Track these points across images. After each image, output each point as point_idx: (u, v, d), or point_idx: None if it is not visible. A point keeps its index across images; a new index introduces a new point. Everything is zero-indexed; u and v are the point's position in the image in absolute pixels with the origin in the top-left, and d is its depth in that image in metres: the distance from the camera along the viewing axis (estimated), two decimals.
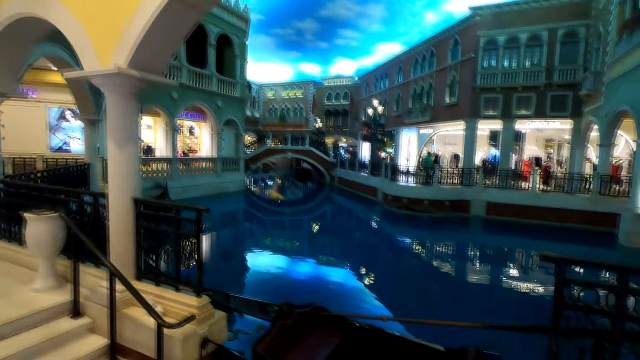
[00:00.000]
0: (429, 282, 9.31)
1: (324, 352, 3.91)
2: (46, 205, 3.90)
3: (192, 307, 2.99)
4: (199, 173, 19.63)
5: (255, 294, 6.10)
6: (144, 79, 3.04)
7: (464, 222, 15.68)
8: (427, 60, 24.73)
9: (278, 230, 15.65)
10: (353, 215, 19.60)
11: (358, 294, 8.15)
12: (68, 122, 13.39)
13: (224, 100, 20.78)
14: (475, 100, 19.72)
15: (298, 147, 29.19)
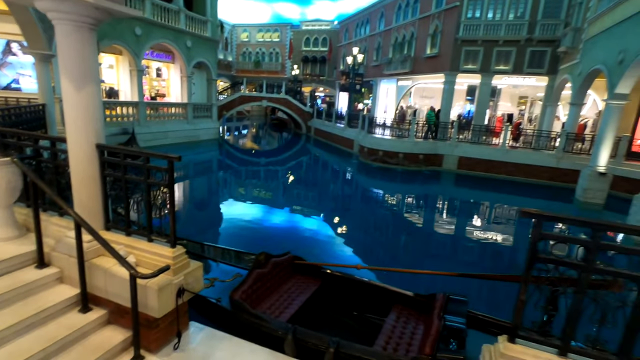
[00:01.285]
0: (400, 233, 9.72)
1: (301, 299, 4.05)
2: None
3: (166, 257, 2.92)
4: (168, 119, 18.68)
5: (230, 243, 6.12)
6: (101, 6, 2.64)
7: (436, 176, 16.17)
8: (410, 7, 23.63)
9: (252, 180, 15.53)
10: (328, 167, 19.68)
11: (332, 244, 8.41)
12: (16, 57, 11.95)
13: (194, 40, 19.24)
14: (456, 53, 19.36)
15: (274, 95, 28.14)
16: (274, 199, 12.45)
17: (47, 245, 3.18)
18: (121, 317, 2.94)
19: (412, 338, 3.46)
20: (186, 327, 3.18)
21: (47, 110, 8.39)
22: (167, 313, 2.87)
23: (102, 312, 2.97)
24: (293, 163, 20.11)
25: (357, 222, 10.45)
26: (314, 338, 3.14)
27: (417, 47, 22.74)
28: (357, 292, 4.24)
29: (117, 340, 2.84)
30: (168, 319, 2.92)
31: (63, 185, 3.48)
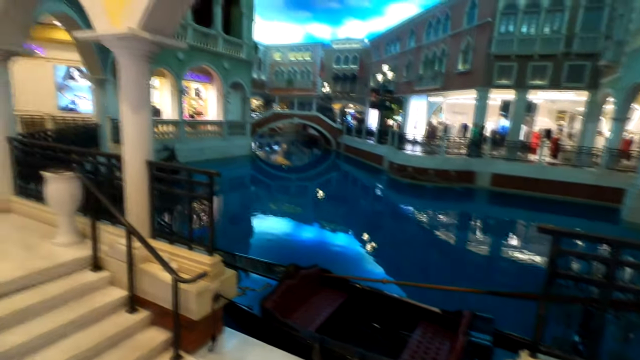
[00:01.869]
0: (428, 249, 9.59)
1: (328, 311, 4.17)
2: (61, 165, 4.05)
3: (205, 264, 3.18)
4: (205, 136, 19.67)
5: (260, 255, 6.37)
6: (156, 41, 3.04)
7: (469, 193, 15.79)
8: (441, 24, 23.69)
9: (283, 195, 15.91)
10: (358, 183, 19.76)
11: (360, 258, 8.46)
12: (76, 82, 13.30)
13: (231, 61, 20.34)
14: (489, 68, 19.10)
15: (305, 113, 28.88)
16: (303, 213, 12.69)
17: (101, 250, 3.55)
18: (163, 319, 3.21)
19: (437, 354, 3.48)
20: (220, 331, 3.40)
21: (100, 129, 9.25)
22: (204, 316, 3.11)
23: (146, 314, 3.25)
24: (323, 179, 20.40)
25: (385, 238, 10.42)
26: (340, 348, 3.24)
27: (448, 64, 22.64)
28: (383, 306, 4.30)
29: (159, 340, 3.10)
30: (204, 323, 3.15)
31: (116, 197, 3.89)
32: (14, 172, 4.82)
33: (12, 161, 4.79)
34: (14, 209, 4.77)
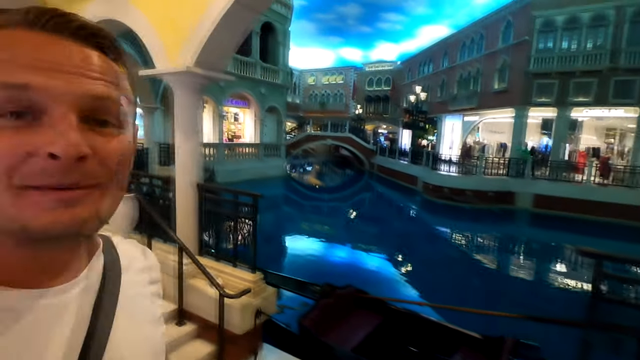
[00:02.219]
0: (467, 273, 9.26)
1: (364, 332, 4.19)
2: None
3: (248, 281, 3.37)
4: (242, 158, 20.48)
5: (293, 274, 6.50)
6: (208, 76, 3.39)
7: (509, 215, 15.13)
8: (475, 44, 23.52)
9: (316, 215, 16.08)
10: (391, 204, 19.55)
11: (394, 280, 8.33)
12: None
13: (267, 87, 21.30)
14: (527, 86, 18.57)
15: (338, 134, 29.29)
16: (336, 233, 12.73)
17: None
18: (208, 332, 3.41)
19: None
20: (261, 347, 3.53)
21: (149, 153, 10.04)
22: (246, 332, 3.27)
23: (193, 327, 3.47)
24: (356, 199, 20.41)
25: (421, 260, 10.20)
26: None
27: (484, 83, 22.28)
28: (420, 329, 4.24)
29: (204, 352, 3.29)
30: (247, 338, 3.31)
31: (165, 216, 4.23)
32: None
33: None
34: None
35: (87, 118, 0.35)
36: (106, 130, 0.37)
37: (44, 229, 0.33)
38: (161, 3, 3.45)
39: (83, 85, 0.35)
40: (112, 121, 0.38)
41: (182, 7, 3.29)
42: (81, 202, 0.35)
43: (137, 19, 3.65)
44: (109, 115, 0.37)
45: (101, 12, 4.13)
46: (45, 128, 0.33)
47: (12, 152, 0.31)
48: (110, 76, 0.38)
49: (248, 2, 2.97)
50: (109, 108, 0.37)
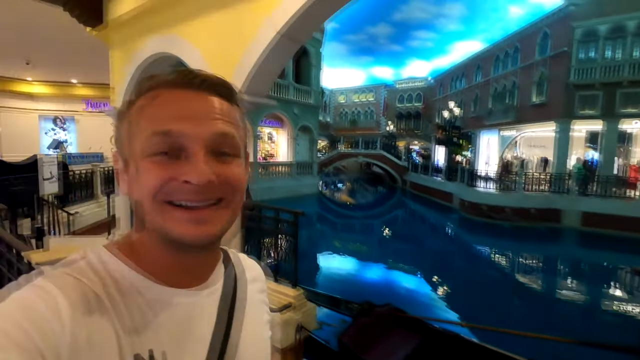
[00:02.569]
0: (510, 294, 8.82)
1: (403, 352, 4.13)
2: None
3: (289, 296, 3.49)
4: (276, 176, 21.00)
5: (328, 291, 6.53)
6: (254, 102, 3.65)
7: (555, 234, 14.28)
8: (510, 57, 22.99)
9: (349, 233, 16.04)
10: (426, 221, 19.11)
11: (431, 301, 8.10)
12: None
13: (300, 107, 21.92)
14: (568, 99, 17.79)
15: (369, 151, 29.31)
16: (370, 251, 12.61)
17: None
18: None
19: None
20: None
21: None
22: (287, 346, 3.36)
23: None
24: (389, 216, 20.15)
25: (460, 280, 9.84)
26: None
27: (521, 96, 21.59)
28: (461, 350, 4.12)
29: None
30: (288, 352, 3.40)
31: None
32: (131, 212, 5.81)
33: None
34: None
35: (213, 150, 0.47)
36: (226, 159, 0.48)
37: (180, 237, 0.46)
38: (212, 38, 3.79)
39: (209, 127, 0.47)
40: (230, 152, 0.49)
41: (231, 42, 3.60)
42: (208, 221, 0.46)
43: (190, 53, 4.03)
44: (228, 147, 0.49)
45: (158, 48, 4.60)
46: (183, 161, 0.45)
47: (161, 178, 0.45)
48: (229, 115, 0.50)
49: (292, 34, 3.22)
50: (228, 141, 0.49)
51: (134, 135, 0.48)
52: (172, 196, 0.45)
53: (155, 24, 4.63)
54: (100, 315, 0.43)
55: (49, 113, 14.37)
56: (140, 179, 0.46)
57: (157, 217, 0.46)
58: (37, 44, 8.08)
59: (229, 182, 0.47)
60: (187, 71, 0.49)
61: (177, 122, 0.45)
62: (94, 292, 0.44)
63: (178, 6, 4.23)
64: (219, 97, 0.50)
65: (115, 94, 5.56)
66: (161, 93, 0.48)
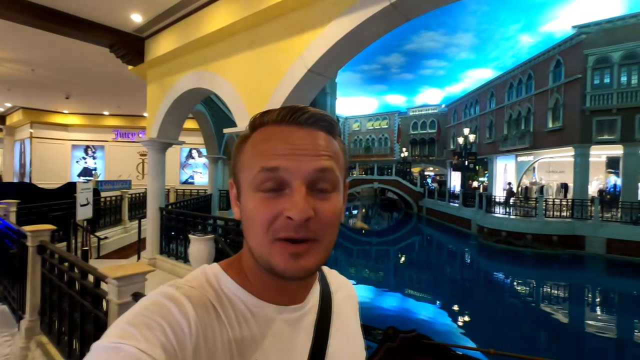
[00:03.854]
0: (534, 325, 8.53)
1: None
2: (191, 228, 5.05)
3: None
4: None
5: None
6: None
7: (578, 261, 13.85)
8: (523, 84, 23.24)
9: (364, 259, 15.89)
10: (443, 248, 18.79)
11: (451, 330, 7.91)
12: (194, 160, 16.17)
13: None
14: (585, 124, 17.73)
15: (384, 177, 29.39)
16: (386, 279, 12.46)
17: None
18: None
19: None
20: None
21: (212, 198, 10.98)
22: None
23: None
24: (405, 243, 19.91)
25: (481, 309, 9.60)
26: None
27: (536, 122, 21.62)
28: None
29: None
30: None
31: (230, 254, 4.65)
32: (161, 235, 6.06)
33: (161, 226, 6.05)
34: (158, 265, 5.90)
35: (313, 185, 0.50)
36: (325, 195, 0.51)
37: (282, 272, 0.49)
38: (245, 74, 4.14)
39: (312, 163, 0.49)
40: (329, 187, 0.51)
41: (263, 77, 3.93)
42: (306, 255, 0.49)
43: (223, 87, 4.37)
44: (327, 182, 0.51)
45: (193, 83, 4.99)
46: (286, 197, 0.48)
47: (270, 214, 0.48)
48: (330, 150, 0.52)
49: (321, 70, 3.51)
50: (328, 176, 0.51)
51: (246, 167, 0.52)
52: (279, 233, 0.48)
53: (190, 62, 5.06)
54: (217, 323, 0.49)
55: (80, 142, 15.20)
56: (251, 212, 0.50)
57: (265, 251, 0.49)
58: (77, 79, 8.75)
59: (323, 221, 0.50)
60: (294, 108, 0.52)
61: (283, 158, 0.48)
62: (212, 303, 0.50)
63: (212, 46, 4.64)
64: (323, 131, 0.53)
65: (151, 123, 5.96)
66: (270, 129, 0.51)
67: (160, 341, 0.42)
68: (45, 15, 4.69)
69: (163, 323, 0.44)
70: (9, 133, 15.80)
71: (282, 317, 0.55)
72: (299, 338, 0.56)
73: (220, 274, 0.55)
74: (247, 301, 0.53)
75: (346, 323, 0.65)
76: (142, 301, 0.47)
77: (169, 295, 0.48)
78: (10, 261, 3.93)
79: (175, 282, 0.52)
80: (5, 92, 10.22)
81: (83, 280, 2.24)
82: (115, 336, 0.41)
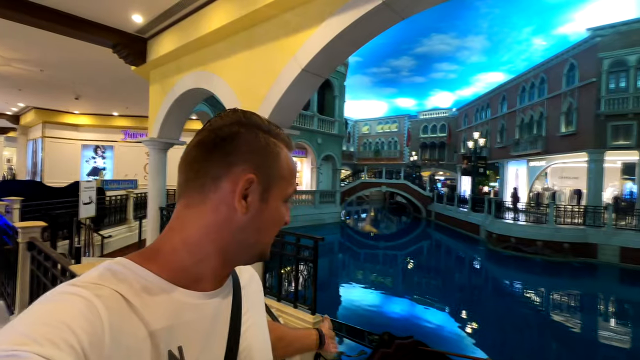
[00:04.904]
0: (543, 335, 8.27)
1: None
2: None
3: (308, 322, 3.50)
4: (299, 204, 21.17)
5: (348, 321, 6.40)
6: None
7: (591, 269, 13.44)
8: (536, 88, 22.81)
9: (371, 263, 15.73)
10: (452, 253, 18.48)
11: (458, 337, 7.73)
12: None
13: (324, 137, 22.41)
14: (600, 129, 17.28)
15: (393, 181, 29.15)
16: (393, 283, 12.29)
17: None
18: None
19: None
20: None
21: None
22: None
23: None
24: (413, 248, 19.65)
25: (489, 317, 9.37)
26: None
27: (549, 126, 21.17)
28: None
29: None
30: None
31: None
32: None
33: (161, 226, 6.07)
34: None
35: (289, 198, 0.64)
36: None
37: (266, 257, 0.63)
38: (241, 74, 4.12)
39: None
40: None
41: (258, 77, 3.90)
42: None
43: (220, 87, 4.36)
44: None
45: (192, 83, 5.00)
46: (287, 207, 0.63)
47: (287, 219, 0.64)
48: None
49: (315, 70, 3.46)
50: None
51: (283, 179, 0.61)
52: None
53: (189, 62, 5.08)
54: (134, 319, 0.48)
55: (90, 142, 15.48)
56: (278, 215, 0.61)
57: (269, 245, 0.63)
58: (85, 80, 8.90)
59: None
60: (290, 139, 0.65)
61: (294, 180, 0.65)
62: (125, 298, 0.49)
63: (211, 46, 4.64)
64: None
65: (152, 123, 6.00)
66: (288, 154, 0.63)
67: (69, 345, 0.38)
68: (50, 16, 4.76)
69: (72, 324, 0.40)
70: (23, 132, 16.19)
71: (204, 302, 0.56)
72: (219, 319, 0.59)
73: (134, 267, 0.53)
74: (166, 289, 0.53)
75: (254, 302, 0.70)
76: (41, 302, 0.44)
77: (76, 294, 0.45)
78: (7, 257, 3.97)
79: (78, 280, 0.48)
80: (16, 92, 10.46)
81: (62, 278, 2.23)
82: (11, 342, 0.36)
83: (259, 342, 0.67)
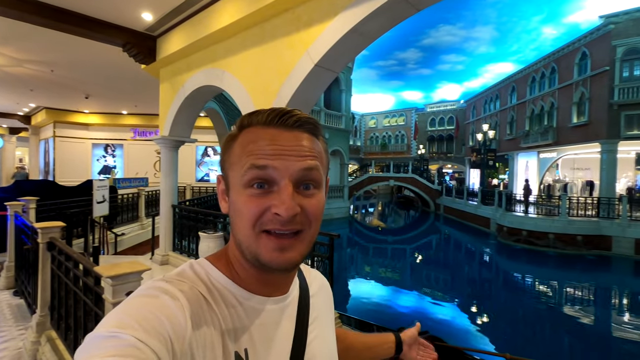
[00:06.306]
0: (557, 328, 8.20)
1: None
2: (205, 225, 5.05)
3: None
4: None
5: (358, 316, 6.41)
6: None
7: (605, 262, 13.26)
8: (546, 78, 22.39)
9: (380, 258, 15.71)
10: (461, 247, 18.36)
11: (468, 331, 7.70)
12: (209, 157, 16.36)
13: (331, 132, 22.33)
14: (613, 119, 16.93)
15: (400, 175, 28.99)
16: (402, 278, 12.26)
17: None
18: None
19: None
20: None
21: None
22: None
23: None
24: (422, 242, 19.58)
25: (500, 310, 9.32)
26: None
27: (560, 117, 20.80)
28: None
29: None
30: None
31: None
32: (174, 232, 6.12)
33: (174, 223, 6.11)
34: (171, 262, 5.96)
35: (298, 184, 0.53)
36: (309, 191, 0.54)
37: (268, 263, 0.53)
38: (253, 70, 4.09)
39: (298, 163, 0.53)
40: (313, 184, 0.55)
41: (270, 73, 3.87)
42: (291, 248, 0.53)
43: (232, 84, 4.34)
44: (312, 180, 0.54)
45: (202, 81, 4.99)
46: (275, 194, 0.52)
47: (258, 209, 0.51)
48: (315, 150, 0.56)
49: (328, 65, 3.42)
50: (312, 175, 0.54)
51: (235, 164, 0.55)
52: (266, 225, 0.52)
53: (200, 59, 5.06)
54: (210, 316, 0.51)
55: (100, 141, 15.62)
56: (240, 207, 0.53)
57: (252, 243, 0.53)
58: (95, 79, 8.95)
59: (309, 215, 0.53)
60: (282, 111, 0.55)
61: (271, 158, 0.51)
62: (203, 296, 0.52)
63: (221, 43, 4.61)
64: (307, 133, 0.56)
65: (163, 121, 6.01)
66: (259, 130, 0.54)
67: (158, 332, 0.43)
68: (59, 16, 4.77)
69: (160, 315, 0.45)
70: (34, 133, 16.39)
71: (268, 307, 0.58)
72: (283, 327, 0.59)
73: (209, 268, 0.57)
74: (235, 293, 0.56)
75: (321, 312, 0.69)
76: (135, 295, 0.48)
77: (163, 289, 0.49)
78: (27, 257, 4.03)
79: (166, 277, 0.53)
80: (28, 92, 10.57)
81: (84, 278, 2.24)
82: (112, 325, 0.42)
83: (324, 355, 0.66)
